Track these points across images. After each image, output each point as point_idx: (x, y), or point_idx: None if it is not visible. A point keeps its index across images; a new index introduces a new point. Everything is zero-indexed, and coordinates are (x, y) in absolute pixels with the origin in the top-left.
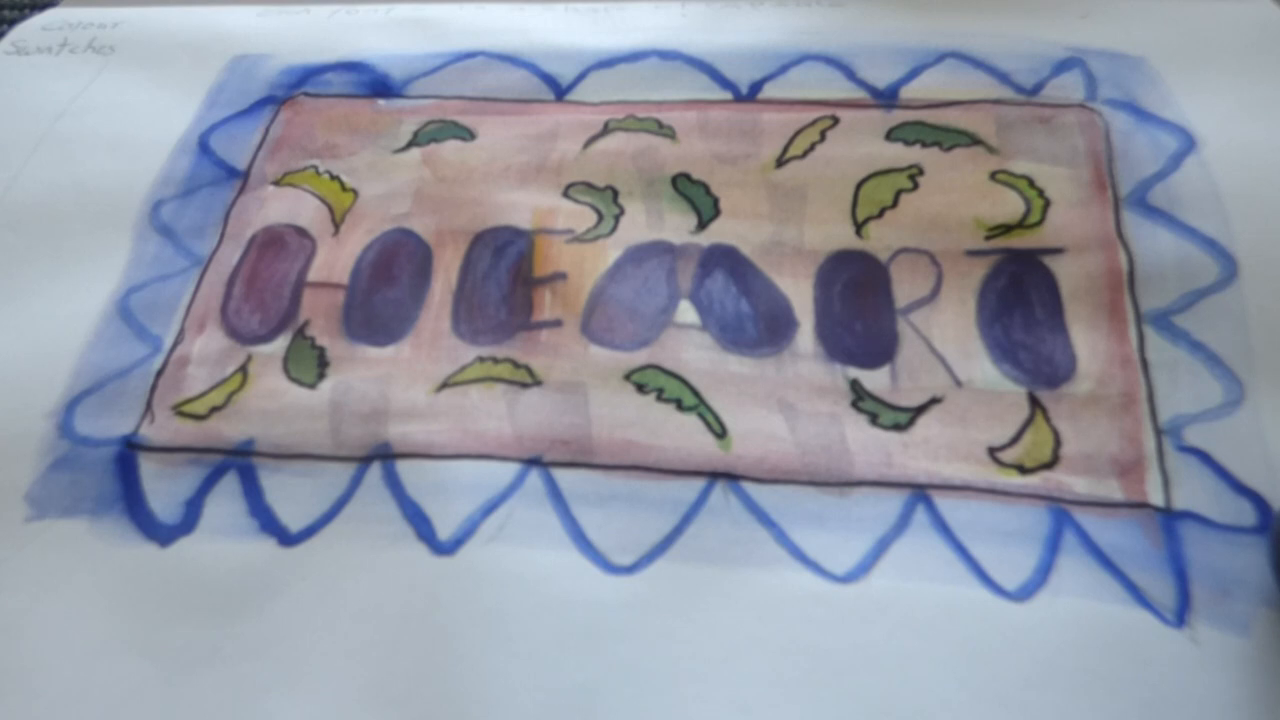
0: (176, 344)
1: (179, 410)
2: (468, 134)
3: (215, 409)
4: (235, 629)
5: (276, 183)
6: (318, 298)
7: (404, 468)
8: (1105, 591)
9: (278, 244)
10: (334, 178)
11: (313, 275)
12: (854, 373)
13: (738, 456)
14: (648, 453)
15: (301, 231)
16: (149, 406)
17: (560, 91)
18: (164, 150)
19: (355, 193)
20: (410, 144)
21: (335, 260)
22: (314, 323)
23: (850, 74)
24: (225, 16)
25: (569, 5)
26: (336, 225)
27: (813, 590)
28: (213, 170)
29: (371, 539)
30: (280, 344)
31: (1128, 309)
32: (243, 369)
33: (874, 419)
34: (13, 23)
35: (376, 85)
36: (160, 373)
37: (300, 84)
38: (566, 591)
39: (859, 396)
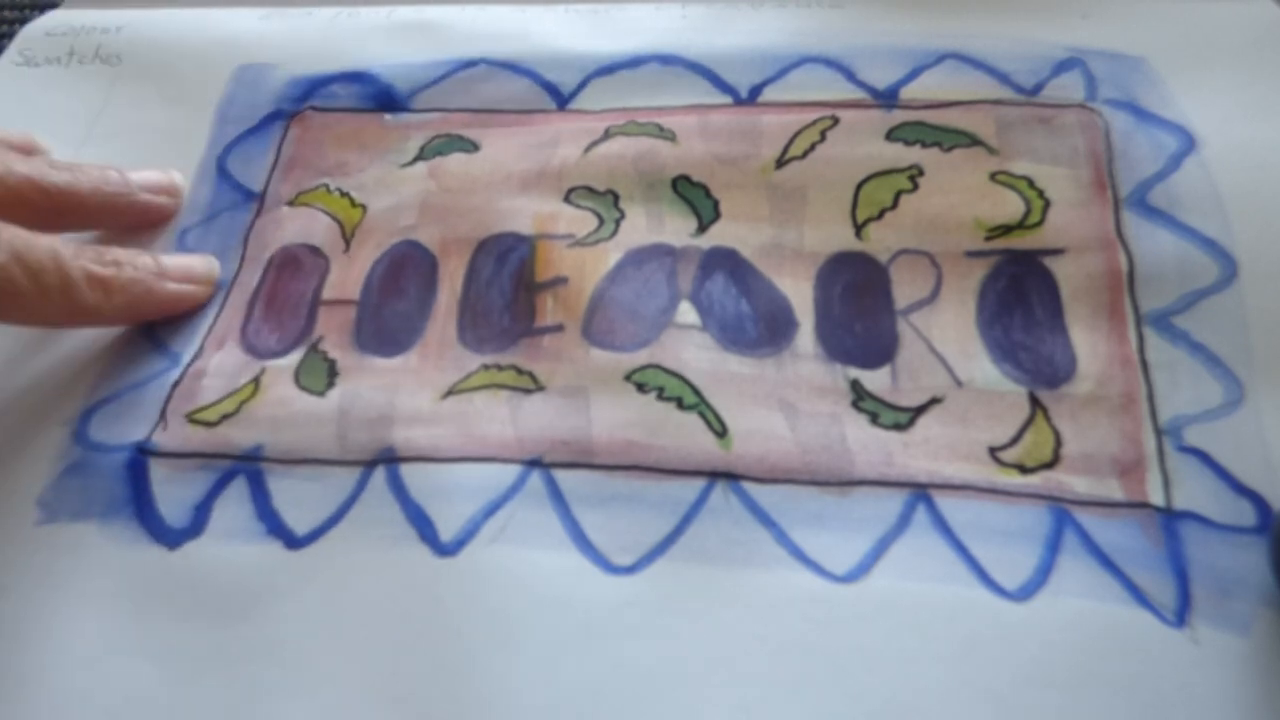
0: (195, 359)
1: (191, 418)
2: (472, 146)
3: (226, 416)
4: (241, 630)
5: (291, 203)
6: (331, 314)
7: (408, 471)
8: (1105, 591)
9: (293, 264)
10: (344, 194)
11: (326, 293)
12: (854, 373)
13: (738, 456)
14: (648, 453)
15: (315, 250)
16: (163, 415)
17: (562, 100)
18: (186, 178)
19: (364, 208)
20: (417, 158)
21: (347, 277)
22: (327, 338)
23: (850, 75)
24: (228, 20)
25: (569, 6)
26: (347, 242)
27: (813, 590)
28: (231, 195)
29: (375, 541)
30: (294, 358)
31: (1128, 309)
32: (255, 380)
33: (874, 419)
34: (14, 23)
35: (382, 97)
36: (177, 384)
37: (307, 96)
38: (567, 592)
39: (859, 396)
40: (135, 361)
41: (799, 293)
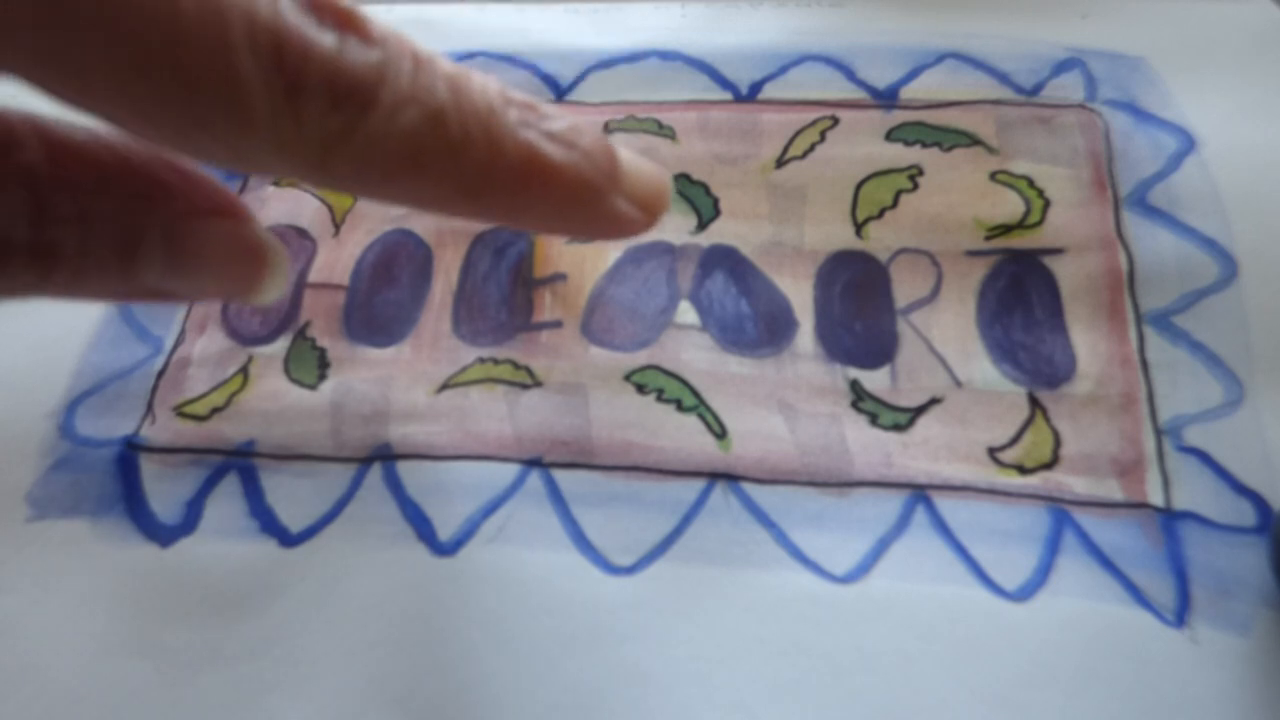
0: (177, 345)
1: (180, 411)
2: None
3: (216, 410)
4: (236, 630)
5: (277, 183)
6: (318, 298)
7: (404, 468)
8: (1105, 592)
9: None
10: None
11: (313, 276)
12: (854, 373)
13: (737, 457)
14: (648, 453)
15: (302, 232)
16: (150, 407)
17: (560, 92)
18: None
19: None
20: None
21: (335, 261)
22: (315, 323)
23: (850, 74)
24: None
25: (569, 5)
26: (337, 226)
27: (812, 591)
28: (211, 169)
29: (372, 540)
30: (281, 345)
31: (1128, 309)
32: (243, 370)
33: (874, 419)
34: None
35: None
36: (161, 373)
37: None
38: (567, 592)
39: (859, 397)
40: (116, 347)
41: (799, 292)
